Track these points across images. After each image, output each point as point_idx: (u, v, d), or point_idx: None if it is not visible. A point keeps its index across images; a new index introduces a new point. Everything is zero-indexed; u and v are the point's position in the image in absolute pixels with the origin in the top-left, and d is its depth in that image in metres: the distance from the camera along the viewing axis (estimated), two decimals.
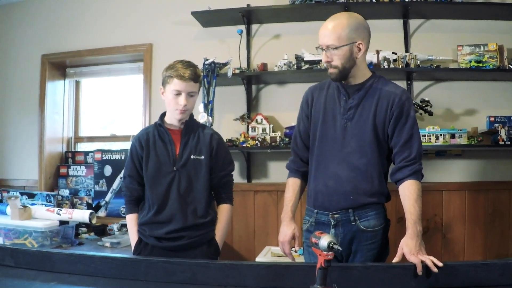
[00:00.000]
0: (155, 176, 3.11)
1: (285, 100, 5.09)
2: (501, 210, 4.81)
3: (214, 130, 3.33)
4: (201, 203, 3.10)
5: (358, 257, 2.80)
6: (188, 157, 3.10)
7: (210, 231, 3.15)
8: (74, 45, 5.77)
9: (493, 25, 4.94)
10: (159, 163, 3.11)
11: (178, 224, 3.03)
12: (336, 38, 2.69)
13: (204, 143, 3.15)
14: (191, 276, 2.37)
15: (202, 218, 3.09)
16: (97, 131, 6.16)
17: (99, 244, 4.65)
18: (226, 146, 3.37)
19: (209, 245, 3.13)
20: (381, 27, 5.00)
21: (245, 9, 4.98)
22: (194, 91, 3.07)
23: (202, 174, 3.11)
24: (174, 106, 3.06)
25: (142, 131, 3.27)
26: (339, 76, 2.78)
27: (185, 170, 3.09)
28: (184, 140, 3.14)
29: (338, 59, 2.72)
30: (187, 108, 3.07)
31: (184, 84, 2.99)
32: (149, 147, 3.15)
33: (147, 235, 3.09)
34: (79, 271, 2.50)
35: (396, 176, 2.75)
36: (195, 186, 3.10)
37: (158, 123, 3.19)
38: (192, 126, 3.20)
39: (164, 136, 3.15)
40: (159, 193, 3.08)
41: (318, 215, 2.88)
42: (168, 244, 3.04)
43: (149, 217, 3.09)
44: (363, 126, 2.79)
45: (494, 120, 4.70)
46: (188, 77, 2.98)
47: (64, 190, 5.81)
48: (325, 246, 1.90)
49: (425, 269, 2.27)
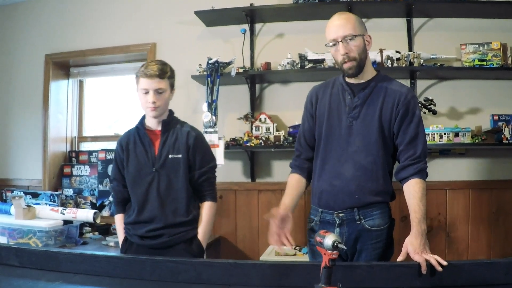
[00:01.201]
0: (135, 178, 3.14)
1: (288, 99, 5.09)
2: (505, 208, 4.80)
3: (193, 127, 3.32)
4: (181, 202, 3.12)
5: (363, 256, 2.79)
6: (166, 156, 3.12)
7: (191, 229, 3.16)
8: (77, 45, 5.78)
9: (496, 24, 4.93)
10: (139, 165, 3.14)
11: (158, 223, 3.07)
12: (352, 28, 2.69)
13: (181, 141, 3.16)
14: (196, 276, 2.37)
15: (183, 217, 3.11)
16: (100, 131, 6.17)
17: (103, 243, 4.67)
18: (205, 142, 3.35)
19: (191, 243, 3.14)
20: (385, 25, 5.02)
21: (248, 8, 4.98)
22: (161, 87, 3.06)
23: (181, 173, 3.13)
24: (145, 105, 3.08)
25: (124, 134, 3.30)
26: (356, 69, 2.76)
27: (164, 170, 3.11)
28: (163, 139, 3.15)
29: (356, 49, 2.71)
30: (158, 105, 3.07)
31: (150, 81, 3.01)
32: (129, 150, 3.19)
33: (131, 234, 3.14)
34: (84, 271, 2.50)
35: (401, 175, 2.73)
36: (174, 185, 3.12)
37: (137, 126, 3.21)
38: (170, 125, 3.21)
39: (144, 137, 3.18)
40: (139, 194, 3.12)
41: (323, 214, 2.88)
42: (149, 242, 3.09)
43: (132, 218, 3.13)
44: (368, 125, 2.78)
45: (498, 119, 4.70)
46: (153, 74, 3.00)
47: (68, 189, 5.82)
48: (329, 245, 1.90)
49: (429, 268, 2.26)
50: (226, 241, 5.11)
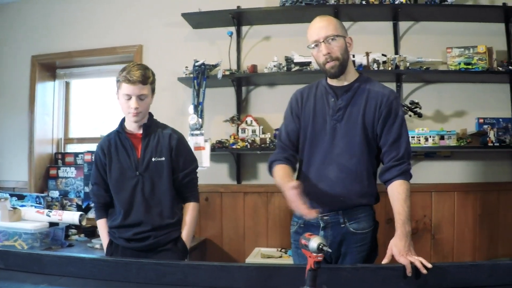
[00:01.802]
0: (119, 182, 3.13)
1: (275, 102, 5.08)
2: (490, 211, 4.84)
3: (174, 130, 3.32)
4: (166, 205, 3.13)
5: (348, 260, 2.79)
6: (149, 160, 3.12)
7: (175, 230, 3.16)
8: (64, 46, 5.75)
9: (482, 28, 4.97)
10: (122, 169, 3.13)
11: (144, 227, 3.07)
12: (334, 28, 2.73)
13: (164, 144, 3.16)
14: (182, 278, 2.37)
15: (168, 219, 3.12)
16: (87, 132, 6.13)
17: (89, 245, 4.65)
18: (187, 144, 3.36)
19: (176, 243, 3.14)
20: (371, 29, 5.04)
21: (235, 11, 4.98)
22: (144, 93, 3.04)
23: (165, 176, 3.13)
24: (127, 110, 3.06)
25: (104, 138, 3.28)
26: (339, 69, 2.78)
27: (147, 174, 3.11)
28: (145, 143, 3.15)
29: (338, 50, 2.74)
30: (140, 111, 3.06)
31: (132, 87, 2.99)
32: (111, 154, 3.17)
33: (116, 237, 3.13)
34: (70, 273, 2.49)
35: (385, 177, 2.74)
36: (159, 188, 3.12)
37: (117, 130, 3.20)
38: (151, 128, 3.21)
39: (125, 141, 3.16)
40: (124, 198, 3.10)
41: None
42: (136, 245, 3.08)
43: (118, 222, 3.11)
44: (352, 127, 2.80)
45: (483, 122, 4.74)
46: (135, 80, 2.97)
47: (54, 191, 5.78)
48: (314, 248, 1.90)
49: (414, 270, 2.27)
50: (212, 244, 5.11)
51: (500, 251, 4.83)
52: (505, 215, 4.84)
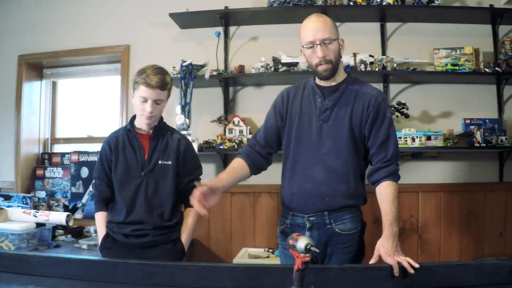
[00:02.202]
0: (123, 180, 3.13)
1: (262, 102, 4.98)
2: (477, 211, 4.87)
3: (183, 135, 3.34)
4: (167, 207, 3.13)
5: (334, 260, 2.78)
6: (156, 162, 3.12)
7: (175, 231, 3.17)
8: (51, 46, 5.71)
9: (469, 29, 5.01)
10: (127, 167, 3.13)
11: (145, 226, 3.07)
12: (330, 31, 2.70)
13: (172, 149, 3.16)
14: (169, 278, 2.36)
15: (168, 221, 3.12)
16: (73, 133, 6.10)
17: (76, 246, 4.62)
18: (194, 151, 3.37)
19: (174, 243, 3.15)
20: (359, 30, 5.06)
21: (223, 11, 4.97)
22: (161, 98, 3.06)
23: (169, 179, 3.13)
24: (141, 112, 3.07)
25: (112, 134, 3.28)
26: (331, 72, 2.77)
27: (152, 175, 3.11)
28: (153, 145, 3.15)
29: (332, 53, 2.73)
30: (154, 115, 3.07)
31: (150, 91, 2.99)
32: (118, 151, 3.17)
33: (115, 232, 3.12)
34: (57, 274, 2.47)
35: (373, 178, 2.74)
36: (162, 190, 3.13)
37: (128, 128, 3.19)
38: (161, 131, 3.21)
39: (133, 140, 3.17)
40: (127, 196, 3.10)
41: (293, 217, 2.87)
42: (134, 241, 3.07)
43: (118, 218, 3.11)
44: (339, 128, 2.78)
45: (470, 123, 4.76)
46: (154, 85, 2.98)
47: (41, 192, 5.75)
48: (302, 248, 1.90)
49: (401, 270, 2.27)
50: (199, 244, 5.09)
51: (487, 251, 4.87)
52: (491, 215, 4.88)
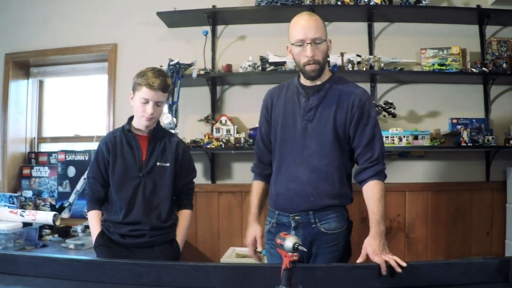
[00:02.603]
0: (121, 181, 3.12)
1: (249, 101, 5.07)
2: (463, 210, 4.91)
3: (180, 139, 3.38)
4: (164, 208, 3.14)
5: (319, 260, 2.78)
6: (154, 163, 3.13)
7: (170, 232, 3.18)
8: (38, 44, 5.67)
9: (456, 29, 5.04)
10: (125, 168, 3.13)
11: (143, 226, 3.07)
12: (322, 32, 2.71)
13: (170, 151, 3.18)
14: (157, 278, 2.36)
15: (164, 222, 3.13)
16: (60, 132, 6.07)
17: (63, 246, 4.60)
18: (190, 154, 3.39)
19: (171, 244, 3.16)
20: (346, 29, 5.07)
21: (210, 10, 4.97)
22: (161, 100, 3.08)
23: (167, 181, 3.15)
24: (141, 113, 3.07)
25: (110, 134, 3.27)
26: (318, 72, 2.77)
27: (150, 176, 3.12)
28: (151, 146, 3.16)
29: (321, 53, 2.73)
30: (154, 116, 3.08)
31: (152, 93, 3.00)
32: (116, 152, 3.16)
33: (111, 231, 3.11)
34: (44, 274, 2.46)
35: (360, 177, 2.75)
36: (159, 191, 3.14)
37: (126, 128, 3.18)
38: (159, 133, 3.22)
39: (132, 141, 3.16)
40: (126, 197, 3.09)
41: (279, 216, 2.87)
42: (131, 241, 3.08)
43: (116, 218, 3.10)
44: (323, 127, 2.78)
45: (457, 122, 4.80)
46: (157, 87, 2.99)
47: (27, 191, 5.71)
48: (290, 247, 1.91)
49: (389, 269, 2.28)
50: (186, 243, 4.97)
51: (473, 250, 4.91)
52: (478, 215, 4.92)
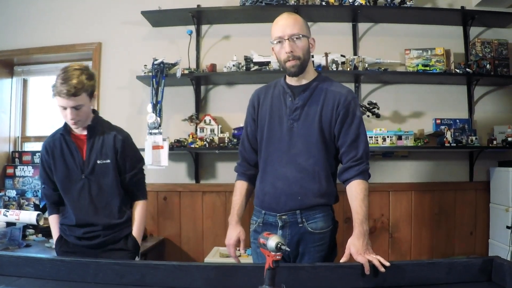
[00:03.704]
0: (65, 184, 3.08)
1: (233, 101, 5.10)
2: (447, 210, 4.96)
3: (119, 130, 3.24)
4: (114, 205, 3.10)
5: (306, 259, 2.79)
6: (94, 162, 3.06)
7: (125, 228, 3.15)
8: (22, 43, 5.62)
9: (440, 30, 5.08)
10: (67, 171, 3.07)
11: (95, 227, 3.04)
12: (300, 28, 2.72)
13: (108, 147, 3.10)
14: (140, 278, 2.35)
15: (117, 219, 3.10)
16: (44, 131, 6.02)
17: (47, 245, 4.57)
18: (132, 144, 3.29)
19: (126, 240, 3.13)
20: (330, 30, 5.09)
21: (195, 10, 4.97)
22: (79, 104, 2.93)
23: (111, 178, 3.09)
24: (65, 119, 3.00)
25: (49, 138, 3.21)
26: (299, 68, 2.77)
27: (93, 176, 3.06)
28: (89, 145, 3.08)
29: (300, 49, 2.73)
30: (78, 120, 2.98)
31: (65, 100, 2.89)
32: (55, 156, 3.10)
33: (68, 234, 3.10)
34: (27, 274, 2.45)
35: (344, 176, 2.75)
36: (105, 190, 3.09)
37: (61, 132, 3.12)
38: (96, 130, 3.13)
39: (70, 144, 3.09)
40: (72, 200, 3.06)
41: (265, 216, 2.87)
42: (87, 243, 3.06)
43: (68, 221, 3.09)
44: (309, 127, 2.79)
45: (440, 123, 4.82)
46: (66, 94, 2.87)
47: (11, 190, 5.66)
48: (273, 247, 1.90)
49: (372, 269, 2.29)
50: (170, 243, 5.08)
51: (457, 250, 4.96)
52: (461, 214, 4.97)
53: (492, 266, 2.35)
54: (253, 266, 2.51)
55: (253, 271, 2.28)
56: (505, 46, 4.96)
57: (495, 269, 2.34)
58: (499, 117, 5.03)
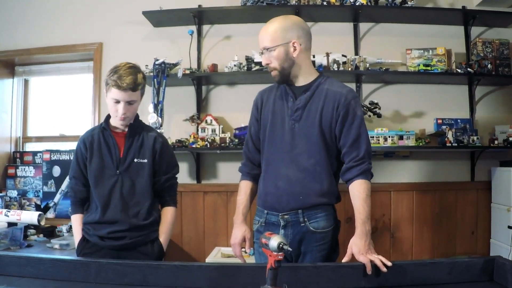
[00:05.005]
0: (98, 178, 3.06)
1: (235, 101, 5.11)
2: (448, 210, 4.95)
3: (159, 133, 3.29)
4: (144, 206, 3.07)
5: (308, 258, 2.79)
6: (131, 160, 3.06)
7: (153, 232, 3.12)
8: (23, 43, 5.63)
9: (441, 30, 5.08)
10: (102, 165, 3.06)
11: (121, 226, 3.00)
12: (270, 40, 2.74)
13: (147, 146, 3.10)
14: (142, 278, 2.35)
15: (144, 220, 3.06)
16: (46, 131, 6.04)
17: (48, 246, 4.57)
18: (170, 149, 3.32)
19: (152, 244, 3.09)
20: (332, 30, 5.09)
21: (196, 10, 4.96)
22: (133, 99, 2.98)
23: (145, 178, 3.08)
24: (114, 113, 3.01)
25: (88, 132, 3.20)
26: (280, 77, 2.81)
27: (128, 174, 3.05)
28: (128, 143, 3.08)
29: (275, 60, 2.75)
30: (127, 116, 3.01)
31: (122, 93, 2.90)
32: (93, 149, 3.09)
33: (91, 234, 3.05)
34: (29, 274, 2.45)
35: (346, 176, 2.75)
36: (137, 189, 3.07)
37: (102, 126, 3.12)
38: (137, 129, 3.14)
39: (109, 139, 3.09)
40: (102, 195, 3.04)
41: (268, 215, 2.88)
42: (111, 243, 3.01)
43: (93, 217, 3.04)
44: (310, 127, 2.79)
45: (442, 123, 4.82)
46: (126, 87, 2.89)
47: (12, 191, 5.68)
48: (275, 247, 1.91)
49: (374, 269, 2.29)
50: (172, 243, 5.04)
51: (458, 249, 4.95)
52: (463, 214, 4.96)
53: (494, 266, 2.36)
54: (255, 266, 2.53)
55: (255, 271, 2.28)
56: (506, 46, 4.96)
57: (497, 269, 2.34)
58: (501, 117, 5.03)
